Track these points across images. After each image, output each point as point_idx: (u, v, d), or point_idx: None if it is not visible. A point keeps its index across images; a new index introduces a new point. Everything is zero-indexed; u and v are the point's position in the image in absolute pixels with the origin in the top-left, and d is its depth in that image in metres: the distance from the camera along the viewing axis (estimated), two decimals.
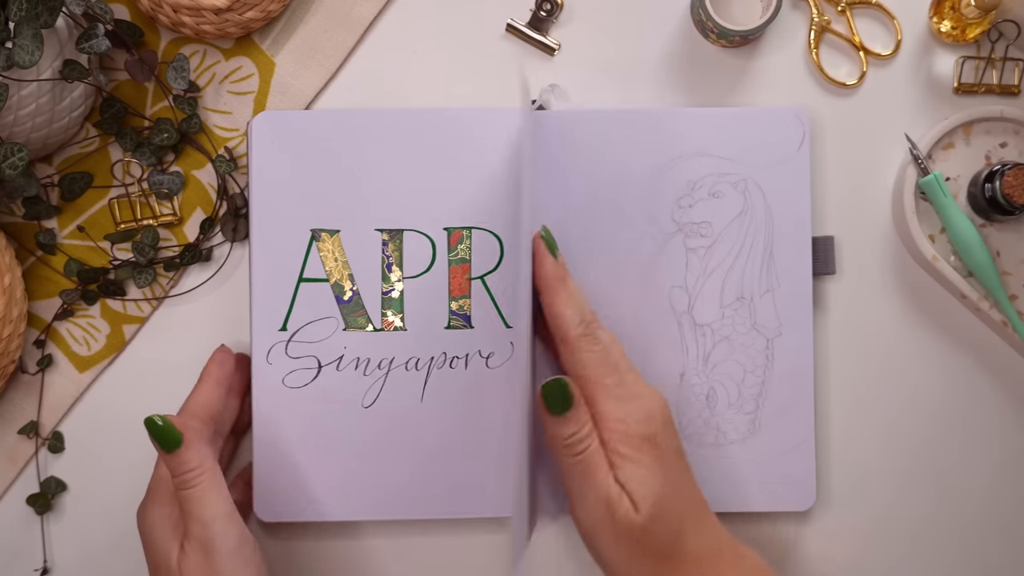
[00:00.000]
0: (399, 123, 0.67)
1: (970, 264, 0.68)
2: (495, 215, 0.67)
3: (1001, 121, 0.69)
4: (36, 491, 0.69)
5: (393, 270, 0.67)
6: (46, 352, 0.69)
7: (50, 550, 0.69)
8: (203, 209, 0.70)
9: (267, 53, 0.70)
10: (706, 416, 0.68)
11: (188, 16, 0.66)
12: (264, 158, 0.66)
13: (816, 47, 0.70)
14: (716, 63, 0.71)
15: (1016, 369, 0.70)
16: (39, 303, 0.69)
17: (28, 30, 0.58)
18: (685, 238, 0.68)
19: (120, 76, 0.70)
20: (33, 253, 0.69)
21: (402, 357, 0.66)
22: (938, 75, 0.71)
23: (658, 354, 0.67)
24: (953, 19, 0.69)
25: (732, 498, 0.68)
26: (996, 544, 0.70)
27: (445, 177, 0.67)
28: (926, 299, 0.70)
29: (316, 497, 0.66)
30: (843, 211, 0.70)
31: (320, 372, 0.66)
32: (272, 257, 0.66)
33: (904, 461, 0.70)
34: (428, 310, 0.67)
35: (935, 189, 0.68)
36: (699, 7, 0.68)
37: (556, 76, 0.70)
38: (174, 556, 0.59)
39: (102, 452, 0.69)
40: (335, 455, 0.66)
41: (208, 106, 0.70)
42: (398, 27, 0.71)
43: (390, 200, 0.66)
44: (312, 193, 0.66)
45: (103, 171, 0.70)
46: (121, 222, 0.70)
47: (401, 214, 0.66)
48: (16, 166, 0.60)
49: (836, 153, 0.70)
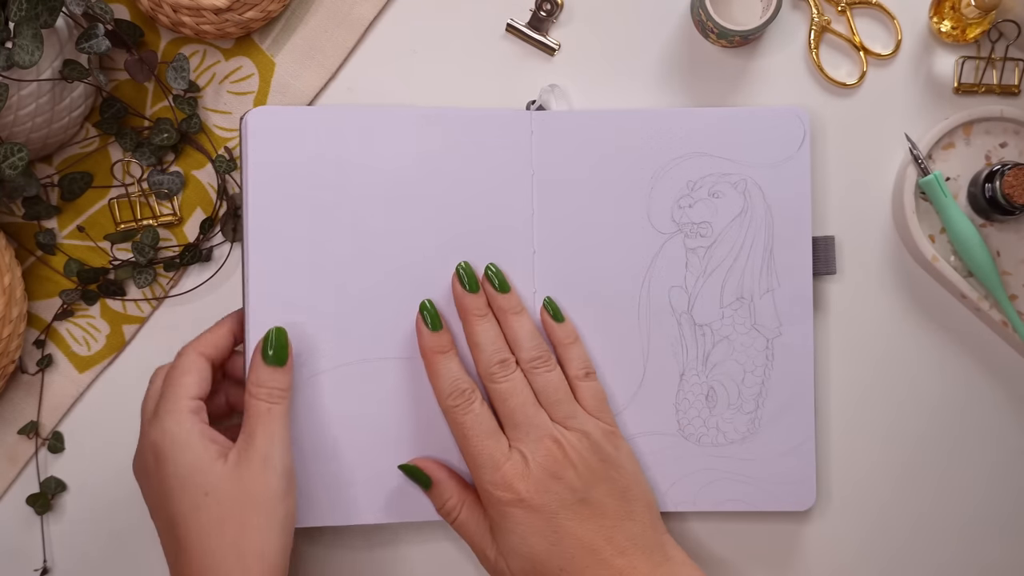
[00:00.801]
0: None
1: (970, 264, 0.68)
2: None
3: (1001, 121, 0.69)
4: (36, 491, 0.69)
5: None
6: (46, 352, 0.69)
7: (50, 550, 0.69)
8: (203, 209, 0.70)
9: (267, 53, 0.70)
10: (706, 416, 0.68)
11: (188, 16, 0.66)
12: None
13: (816, 47, 0.70)
14: (716, 63, 0.71)
15: (1016, 369, 0.70)
16: (39, 303, 0.69)
17: (28, 30, 0.58)
18: (685, 238, 0.68)
19: (120, 76, 0.70)
20: (33, 253, 0.69)
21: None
22: (938, 75, 0.71)
23: (658, 354, 0.67)
24: (953, 19, 0.69)
25: (732, 498, 0.68)
26: (995, 544, 0.70)
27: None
28: (926, 299, 0.70)
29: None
30: (843, 211, 0.70)
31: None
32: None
33: (904, 461, 0.70)
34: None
35: (935, 189, 0.68)
36: (699, 7, 0.68)
37: (556, 76, 0.70)
38: (218, 464, 0.58)
39: (102, 452, 0.69)
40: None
41: (208, 106, 0.70)
42: (398, 27, 0.71)
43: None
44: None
45: (103, 171, 0.70)
46: (121, 222, 0.70)
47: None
48: (16, 166, 0.60)
49: (836, 153, 0.70)
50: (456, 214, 0.66)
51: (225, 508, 0.58)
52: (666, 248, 0.68)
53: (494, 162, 0.67)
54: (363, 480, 0.66)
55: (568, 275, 0.67)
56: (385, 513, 0.66)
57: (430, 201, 0.66)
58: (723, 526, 0.70)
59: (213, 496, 0.58)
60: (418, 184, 0.66)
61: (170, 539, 0.59)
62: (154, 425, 0.60)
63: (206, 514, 0.58)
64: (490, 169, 0.67)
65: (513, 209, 0.67)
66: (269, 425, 0.60)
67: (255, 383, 0.61)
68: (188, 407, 0.60)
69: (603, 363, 0.67)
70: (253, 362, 0.62)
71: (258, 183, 0.65)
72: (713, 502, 0.68)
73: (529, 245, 0.67)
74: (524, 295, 0.67)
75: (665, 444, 0.68)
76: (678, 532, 0.70)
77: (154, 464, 0.59)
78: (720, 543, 0.70)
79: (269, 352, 0.62)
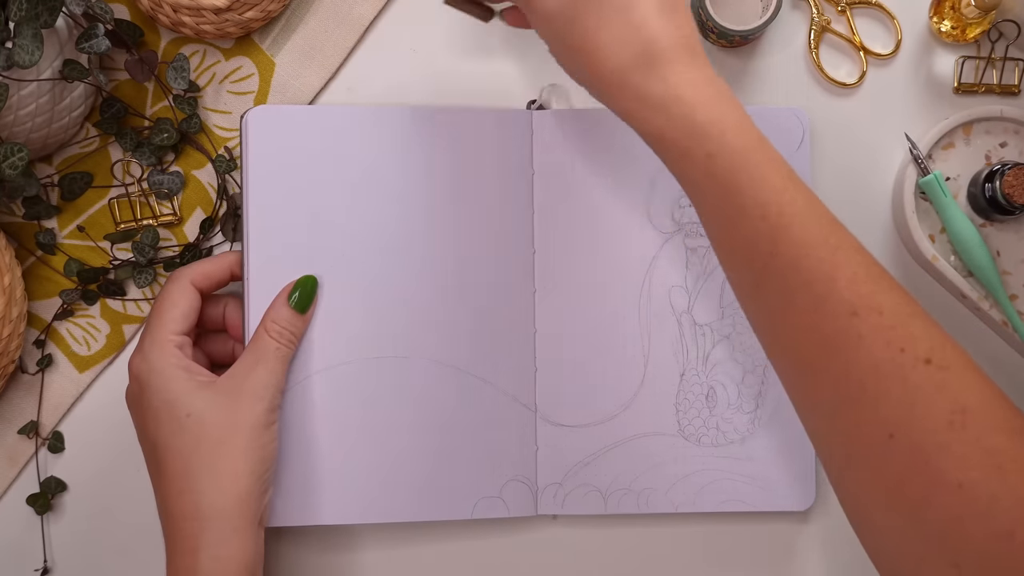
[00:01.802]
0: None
1: (970, 264, 0.68)
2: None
3: (1001, 121, 0.69)
4: (36, 491, 0.69)
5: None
6: (46, 352, 0.69)
7: (50, 550, 0.69)
8: (203, 209, 0.70)
9: (267, 53, 0.70)
10: (706, 416, 0.68)
11: (188, 16, 0.66)
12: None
13: (816, 47, 0.70)
14: (716, 63, 0.70)
15: (1016, 369, 0.70)
16: (39, 303, 0.69)
17: (28, 30, 0.58)
18: (685, 238, 0.68)
19: (120, 76, 0.70)
20: (33, 253, 0.69)
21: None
22: (938, 75, 0.71)
23: (658, 354, 0.67)
24: (953, 19, 0.69)
25: (732, 498, 0.68)
26: None
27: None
28: (926, 299, 0.70)
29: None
30: (843, 211, 0.70)
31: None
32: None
33: None
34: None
35: (935, 189, 0.68)
36: (699, 7, 0.68)
37: (556, 76, 0.70)
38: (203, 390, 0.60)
39: (102, 452, 0.69)
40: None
41: (208, 106, 0.70)
42: (398, 27, 0.71)
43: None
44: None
45: (103, 171, 0.70)
46: (121, 222, 0.70)
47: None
48: (16, 166, 0.60)
49: (836, 153, 0.70)
50: (456, 214, 0.66)
51: (205, 430, 0.59)
52: (666, 248, 0.68)
53: (494, 161, 0.67)
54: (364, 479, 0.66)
55: (568, 275, 0.67)
56: (370, 514, 0.66)
57: (430, 201, 0.66)
58: (723, 526, 0.70)
59: (195, 418, 0.59)
60: (418, 184, 0.66)
61: (152, 463, 0.61)
62: (137, 355, 0.61)
63: (186, 435, 0.59)
64: (490, 168, 0.67)
65: (513, 208, 0.67)
66: (275, 363, 0.62)
67: (272, 319, 0.63)
68: (173, 342, 0.61)
69: (603, 363, 0.67)
70: (276, 301, 0.63)
71: (258, 182, 0.65)
72: (713, 502, 0.68)
73: (529, 245, 0.67)
74: (524, 295, 0.67)
75: (665, 444, 0.68)
76: (678, 533, 0.70)
77: (138, 393, 0.61)
78: (720, 543, 0.70)
79: (295, 295, 0.63)
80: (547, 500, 0.67)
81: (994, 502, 0.47)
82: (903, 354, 0.49)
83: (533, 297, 0.67)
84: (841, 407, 0.51)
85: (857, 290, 0.50)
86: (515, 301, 0.67)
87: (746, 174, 0.52)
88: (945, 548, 0.48)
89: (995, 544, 0.47)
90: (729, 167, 0.52)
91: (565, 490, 0.67)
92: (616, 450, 0.67)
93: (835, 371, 0.51)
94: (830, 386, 0.51)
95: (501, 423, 0.67)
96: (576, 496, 0.67)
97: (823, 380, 0.51)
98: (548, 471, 0.67)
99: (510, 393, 0.67)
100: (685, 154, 0.53)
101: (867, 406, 0.50)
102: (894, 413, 0.49)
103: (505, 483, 0.66)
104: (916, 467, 0.48)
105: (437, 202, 0.66)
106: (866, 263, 0.52)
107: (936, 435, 0.48)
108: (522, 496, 0.67)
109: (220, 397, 0.60)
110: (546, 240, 0.67)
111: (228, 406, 0.60)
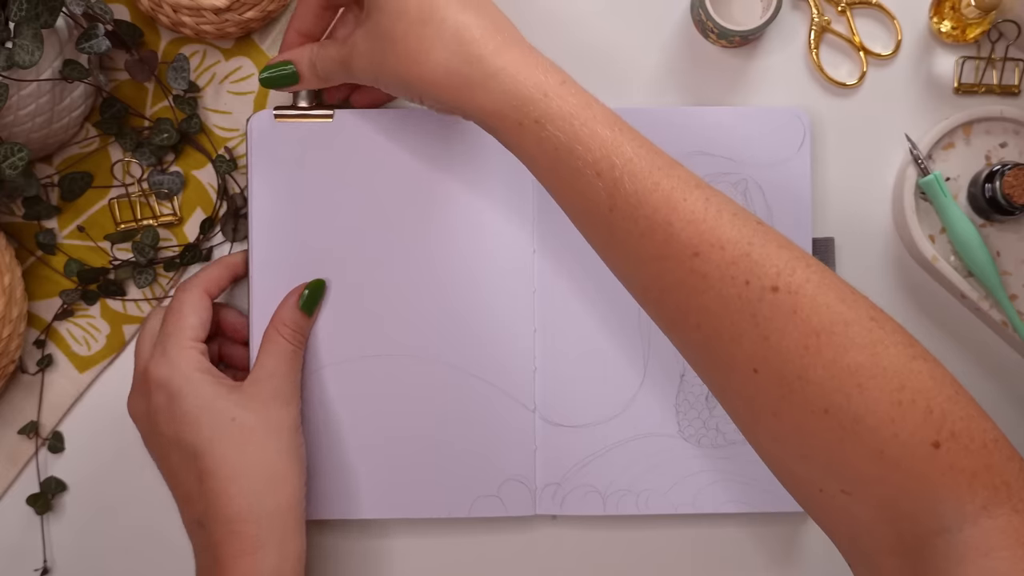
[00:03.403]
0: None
1: (970, 264, 0.68)
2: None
3: (1001, 121, 0.69)
4: (36, 491, 0.69)
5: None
6: (46, 352, 0.69)
7: (50, 550, 0.69)
8: (203, 209, 0.70)
9: (267, 53, 0.70)
10: (706, 416, 0.68)
11: (188, 16, 0.66)
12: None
13: (816, 47, 0.70)
14: (716, 63, 0.71)
15: (1016, 369, 0.70)
16: (39, 303, 0.69)
17: (28, 30, 0.58)
18: None
19: (120, 76, 0.70)
20: (33, 253, 0.69)
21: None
22: (938, 75, 0.71)
23: (658, 355, 0.67)
24: (953, 19, 0.69)
25: (732, 499, 0.68)
26: None
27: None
28: (926, 299, 0.70)
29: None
30: (843, 211, 0.70)
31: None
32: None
33: None
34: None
35: (935, 189, 0.68)
36: (699, 7, 0.68)
37: None
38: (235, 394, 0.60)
39: (102, 452, 0.69)
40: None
41: (208, 106, 0.70)
42: None
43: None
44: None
45: (103, 171, 0.70)
46: (121, 222, 0.70)
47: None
48: (16, 166, 0.60)
49: (836, 153, 0.70)
50: (456, 214, 0.67)
51: (249, 433, 0.59)
52: None
53: (494, 162, 0.67)
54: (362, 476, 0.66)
55: (568, 275, 0.67)
56: (365, 510, 0.66)
57: (430, 201, 0.66)
58: (723, 527, 0.70)
59: (239, 422, 0.59)
60: (419, 185, 0.66)
61: (190, 472, 0.60)
62: (162, 363, 0.61)
63: (232, 439, 0.59)
64: (490, 169, 0.67)
65: (513, 209, 0.67)
66: (292, 363, 0.63)
67: (282, 321, 0.63)
68: (197, 349, 0.62)
69: (603, 364, 0.67)
70: (287, 303, 0.64)
71: (262, 184, 0.65)
72: (713, 503, 0.68)
73: (529, 245, 0.67)
74: (523, 294, 0.67)
75: (665, 446, 0.67)
76: (678, 533, 0.69)
77: (166, 401, 0.60)
78: (720, 544, 0.70)
79: (305, 294, 0.64)
80: (546, 500, 0.67)
81: (858, 423, 0.47)
82: (748, 287, 0.49)
83: (533, 297, 0.67)
84: (711, 352, 0.51)
85: (696, 229, 0.50)
86: (515, 301, 0.67)
87: (574, 134, 0.52)
88: (830, 474, 0.49)
89: (868, 466, 0.47)
90: (558, 129, 0.53)
91: (564, 490, 0.67)
92: (616, 450, 0.67)
93: (694, 318, 0.51)
94: (695, 332, 0.51)
95: (499, 422, 0.67)
96: (575, 496, 0.67)
97: (688, 328, 0.52)
98: (547, 471, 0.67)
99: (509, 392, 0.67)
100: (516, 126, 0.54)
101: (731, 345, 0.50)
102: (753, 348, 0.49)
103: (503, 482, 0.67)
104: (785, 398, 0.49)
105: (438, 202, 0.66)
106: (705, 196, 0.52)
107: (793, 363, 0.48)
108: (520, 495, 0.67)
109: (252, 401, 0.60)
110: (546, 240, 0.67)
111: (261, 410, 0.60)
